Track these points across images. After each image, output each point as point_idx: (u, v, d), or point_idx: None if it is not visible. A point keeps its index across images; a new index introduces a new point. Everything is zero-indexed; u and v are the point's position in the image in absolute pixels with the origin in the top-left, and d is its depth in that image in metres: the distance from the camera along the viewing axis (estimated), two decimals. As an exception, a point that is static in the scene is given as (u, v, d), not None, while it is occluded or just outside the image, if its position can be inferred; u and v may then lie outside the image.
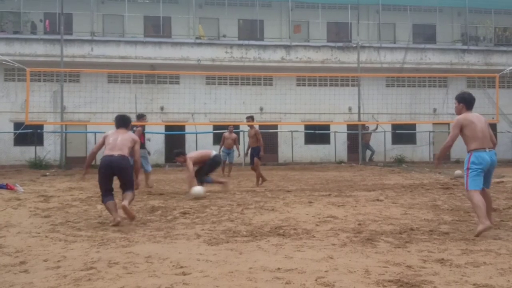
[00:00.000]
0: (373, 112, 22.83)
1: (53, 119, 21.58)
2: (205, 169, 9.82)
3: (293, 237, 5.19)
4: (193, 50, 22.56)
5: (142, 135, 11.18)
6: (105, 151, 6.41)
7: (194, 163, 9.46)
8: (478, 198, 5.36)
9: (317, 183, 12.23)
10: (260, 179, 11.73)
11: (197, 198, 8.53)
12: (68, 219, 6.49)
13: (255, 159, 11.70)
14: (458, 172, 14.03)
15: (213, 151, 10.29)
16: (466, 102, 5.79)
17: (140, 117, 11.55)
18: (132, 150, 6.53)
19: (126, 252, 4.55)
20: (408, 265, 3.99)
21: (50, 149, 21.72)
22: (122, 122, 6.78)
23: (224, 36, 24.13)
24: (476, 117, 5.70)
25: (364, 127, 22.92)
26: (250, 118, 12.16)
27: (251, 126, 12.07)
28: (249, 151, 12.14)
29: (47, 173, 16.99)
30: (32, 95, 14.46)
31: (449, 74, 23.49)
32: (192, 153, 10.06)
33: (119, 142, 6.40)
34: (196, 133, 22.40)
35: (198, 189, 8.79)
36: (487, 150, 5.52)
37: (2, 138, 21.04)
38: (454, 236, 5.19)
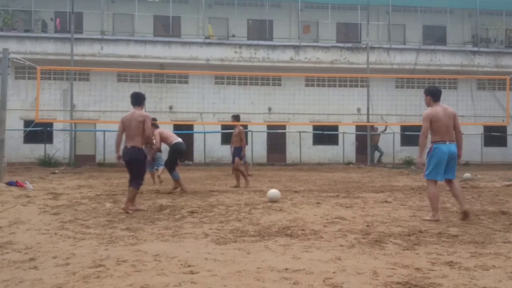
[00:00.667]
0: (382, 113, 22.75)
1: (62, 117, 21.75)
2: (169, 157, 10.06)
3: (301, 238, 5.18)
4: (202, 49, 22.62)
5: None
6: (125, 139, 7.33)
7: (162, 140, 10.10)
8: (433, 190, 6.33)
9: (325, 184, 12.21)
10: (244, 180, 11.41)
11: (272, 200, 8.12)
12: (77, 217, 6.53)
13: (236, 158, 11.45)
14: (467, 175, 13.96)
15: (179, 139, 10.18)
16: (432, 94, 6.62)
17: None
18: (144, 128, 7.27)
19: (134, 250, 4.57)
20: (417, 268, 3.96)
21: (59, 147, 21.88)
22: (136, 99, 7.61)
23: (233, 36, 24.17)
24: (443, 111, 6.46)
25: (373, 128, 22.83)
26: (235, 117, 11.90)
27: (235, 125, 11.80)
28: (232, 150, 11.91)
29: (56, 171, 17.12)
30: (42, 93, 14.57)
31: (459, 75, 23.35)
32: (163, 130, 10.53)
33: (132, 131, 7.21)
34: (205, 133, 22.45)
35: (274, 192, 8.34)
36: (447, 142, 6.30)
37: (12, 136, 21.20)
38: (463, 239, 5.16)
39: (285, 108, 22.78)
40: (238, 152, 11.48)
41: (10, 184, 10.19)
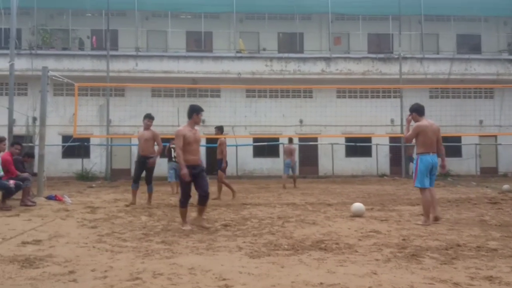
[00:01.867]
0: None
1: (99, 132, 22.29)
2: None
3: (335, 252, 5.14)
4: (233, 64, 22.85)
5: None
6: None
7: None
8: (426, 196, 7.13)
9: (359, 197, 12.05)
10: (232, 192, 11.45)
11: (356, 215, 7.86)
12: (114, 230, 6.66)
13: (219, 171, 11.47)
14: (506, 186, 13.55)
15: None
16: (417, 111, 7.54)
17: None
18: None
19: (170, 263, 4.63)
20: (455, 282, 3.88)
21: (96, 161, 22.40)
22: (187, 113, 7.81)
23: (264, 49, 24.34)
24: (430, 125, 7.31)
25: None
26: (219, 129, 11.78)
27: (218, 137, 11.71)
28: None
29: (93, 185, 17.52)
30: (79, 109, 14.97)
31: (495, 85, 22.79)
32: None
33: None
34: (237, 146, 22.57)
35: (358, 206, 8.02)
36: (431, 154, 7.18)
37: (51, 151, 21.83)
38: (503, 253, 5.01)
39: (316, 120, 22.69)
40: (219, 164, 11.50)
41: (49, 198, 10.51)
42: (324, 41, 24.50)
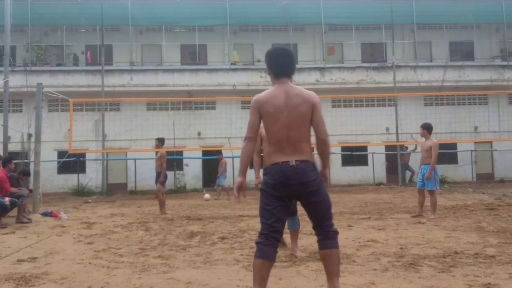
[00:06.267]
0: (411, 132, 22.37)
1: (95, 147, 22.25)
2: None
3: (333, 262, 5.11)
4: (228, 75, 22.92)
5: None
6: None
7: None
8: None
9: (356, 206, 12.04)
10: (160, 206, 11.24)
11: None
12: (110, 246, 6.62)
13: (159, 185, 11.23)
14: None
15: None
16: (428, 129, 9.31)
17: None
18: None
19: (167, 278, 4.60)
20: (454, 291, 3.86)
21: (92, 176, 22.31)
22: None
23: (259, 60, 24.42)
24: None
25: (402, 147, 22.51)
26: (159, 141, 11.41)
27: (158, 148, 11.48)
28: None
29: (89, 200, 17.45)
30: (75, 124, 14.99)
31: (489, 91, 22.91)
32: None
33: None
34: (233, 157, 22.54)
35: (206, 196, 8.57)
36: None
37: (46, 167, 21.70)
38: (501, 259, 5.00)
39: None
40: (158, 177, 11.32)
41: (45, 214, 10.46)
42: (318, 51, 24.64)
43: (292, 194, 3.49)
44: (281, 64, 3.65)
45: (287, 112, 3.51)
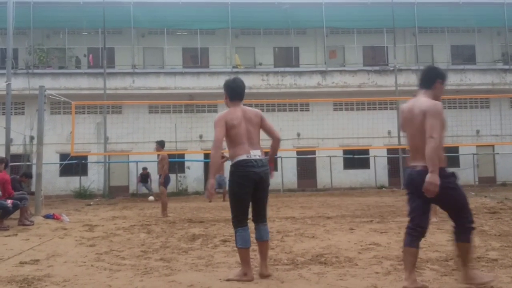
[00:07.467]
0: (413, 135, 22.42)
1: (96, 149, 22.28)
2: None
3: (335, 265, 5.11)
4: (230, 79, 22.93)
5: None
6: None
7: None
8: None
9: (358, 209, 12.04)
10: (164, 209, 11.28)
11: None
12: (112, 248, 6.62)
13: (161, 187, 11.33)
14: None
15: None
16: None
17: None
18: None
19: (168, 280, 4.59)
20: (456, 294, 3.85)
21: (94, 179, 22.34)
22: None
23: (260, 64, 24.48)
24: None
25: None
26: (159, 144, 11.51)
27: (158, 151, 11.58)
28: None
29: (91, 203, 17.46)
30: (77, 127, 15.01)
31: (491, 95, 22.91)
32: None
33: None
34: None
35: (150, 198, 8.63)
36: None
37: (48, 169, 21.81)
38: (504, 263, 4.99)
39: (314, 133, 22.73)
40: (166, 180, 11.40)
41: (47, 217, 10.46)
42: (320, 55, 24.67)
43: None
44: (237, 92, 4.80)
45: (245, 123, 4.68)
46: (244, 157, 4.55)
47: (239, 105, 4.77)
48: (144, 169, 20.52)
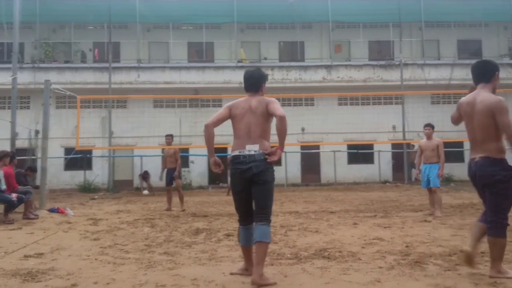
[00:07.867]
0: (418, 130, 22.22)
1: (101, 144, 22.34)
2: None
3: (339, 260, 5.11)
4: (235, 73, 22.90)
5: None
6: None
7: None
8: None
9: (362, 204, 12.03)
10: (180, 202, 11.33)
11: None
12: (116, 242, 6.65)
13: (178, 180, 11.43)
14: None
15: None
16: (433, 128, 9.83)
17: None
18: None
19: (172, 274, 4.61)
20: (459, 289, 3.85)
21: (98, 173, 22.42)
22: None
23: (265, 58, 24.42)
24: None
25: (409, 145, 22.42)
26: (170, 137, 11.70)
27: (169, 145, 11.65)
28: (165, 172, 11.65)
29: (96, 196, 17.53)
30: (82, 121, 15.06)
31: (497, 90, 22.73)
32: None
33: None
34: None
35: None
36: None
37: (53, 163, 21.89)
38: (507, 258, 4.97)
39: (318, 128, 22.68)
40: (172, 173, 11.41)
41: (52, 210, 10.51)
42: (325, 49, 24.57)
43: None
44: (247, 83, 4.84)
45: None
46: (236, 153, 4.46)
47: (253, 96, 4.71)
48: (145, 172, 20.55)
